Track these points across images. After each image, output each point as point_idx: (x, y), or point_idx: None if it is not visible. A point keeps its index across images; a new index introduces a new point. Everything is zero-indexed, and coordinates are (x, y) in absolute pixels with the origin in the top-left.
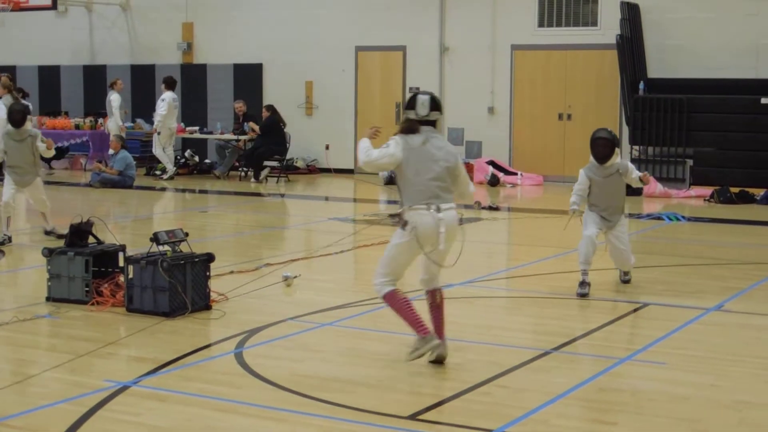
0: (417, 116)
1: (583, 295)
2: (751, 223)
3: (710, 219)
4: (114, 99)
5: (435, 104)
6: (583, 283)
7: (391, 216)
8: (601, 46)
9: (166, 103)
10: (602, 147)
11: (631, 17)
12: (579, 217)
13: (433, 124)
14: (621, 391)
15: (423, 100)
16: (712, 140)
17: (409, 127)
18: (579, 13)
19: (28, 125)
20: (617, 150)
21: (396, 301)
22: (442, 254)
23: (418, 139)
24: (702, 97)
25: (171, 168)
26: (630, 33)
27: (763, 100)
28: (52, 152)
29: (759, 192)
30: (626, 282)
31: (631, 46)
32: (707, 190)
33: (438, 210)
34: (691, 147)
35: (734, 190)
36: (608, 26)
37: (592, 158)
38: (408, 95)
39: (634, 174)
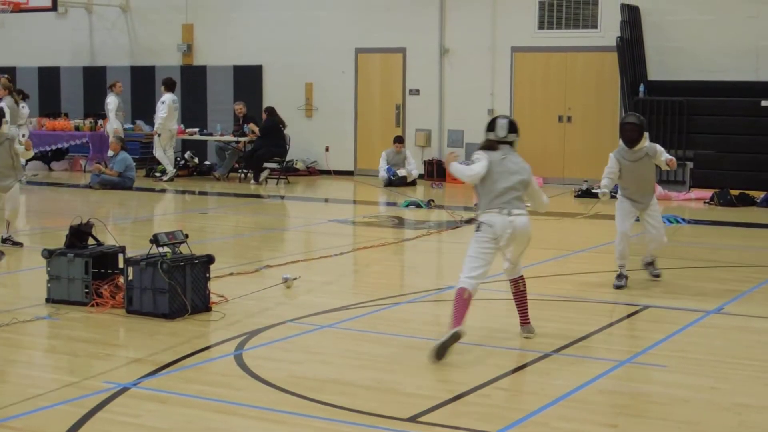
0: (496, 137)
1: (619, 287)
2: (751, 226)
3: (710, 222)
4: (110, 102)
5: (512, 127)
6: (620, 276)
7: (468, 221)
8: (601, 49)
9: (166, 105)
10: (630, 131)
11: (631, 19)
12: (606, 199)
13: (510, 143)
14: (621, 393)
15: (502, 124)
16: (712, 143)
17: (489, 146)
18: (579, 15)
19: (5, 128)
20: (646, 134)
21: (459, 297)
22: (515, 252)
23: (498, 155)
24: (702, 99)
25: (171, 170)
26: (630, 35)
27: (764, 103)
28: (31, 153)
29: (759, 195)
30: (657, 276)
31: (631, 48)
32: (707, 193)
33: (509, 214)
34: (692, 149)
35: (734, 192)
36: (608, 28)
37: (621, 142)
38: (489, 118)
39: (663, 156)
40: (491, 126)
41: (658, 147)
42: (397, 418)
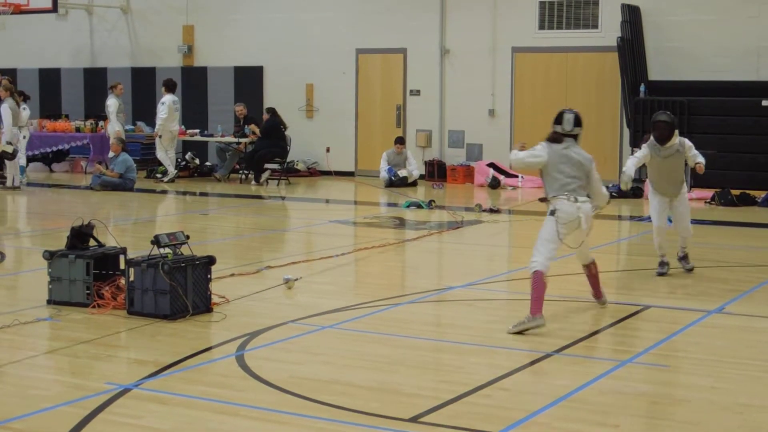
0: (563, 130)
1: (661, 274)
2: (752, 226)
3: (711, 221)
4: (111, 104)
5: (578, 121)
6: (662, 264)
7: (541, 200)
8: (601, 49)
9: (166, 106)
10: (662, 129)
11: (632, 19)
12: (627, 186)
13: (575, 137)
14: (622, 393)
15: (568, 118)
16: (713, 143)
17: (554, 138)
18: (579, 15)
19: None
20: (677, 132)
21: (537, 280)
22: (577, 237)
23: (560, 146)
24: (703, 99)
25: (172, 171)
26: (631, 35)
27: (764, 103)
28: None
29: (760, 194)
30: (690, 270)
31: (631, 48)
32: (708, 193)
33: (576, 201)
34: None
35: (735, 192)
36: (609, 29)
37: (652, 138)
38: (557, 112)
39: (692, 152)
40: (558, 119)
41: (688, 142)
42: (398, 419)
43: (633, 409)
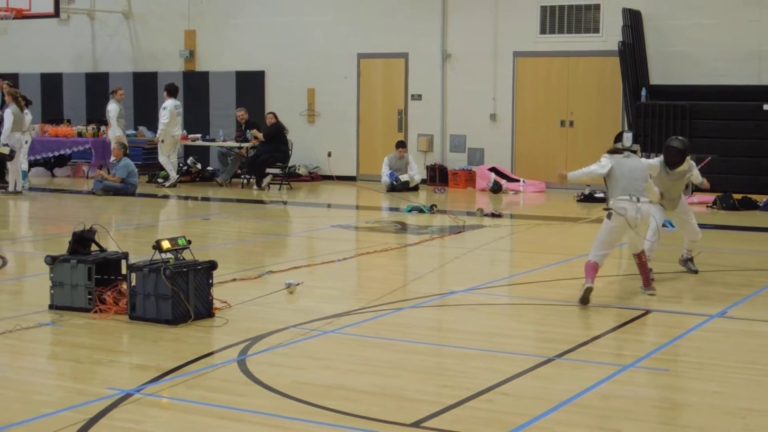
0: (623, 146)
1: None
2: (754, 230)
3: (713, 225)
4: (111, 109)
5: (635, 139)
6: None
7: (605, 209)
8: (603, 53)
9: (168, 111)
10: (673, 155)
11: (633, 24)
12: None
13: (633, 151)
14: (624, 398)
15: (628, 136)
16: (714, 147)
17: (615, 151)
18: (581, 19)
19: None
20: (689, 157)
21: (589, 264)
22: (643, 229)
23: (621, 157)
24: (704, 103)
25: (174, 175)
26: (632, 39)
27: (766, 107)
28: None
29: (762, 198)
30: (695, 272)
31: (633, 52)
32: (710, 197)
33: (638, 201)
34: (694, 153)
35: (737, 196)
36: (610, 33)
37: (662, 158)
38: (616, 135)
39: (696, 170)
40: (618, 138)
41: (694, 164)
42: (400, 424)
43: (635, 414)
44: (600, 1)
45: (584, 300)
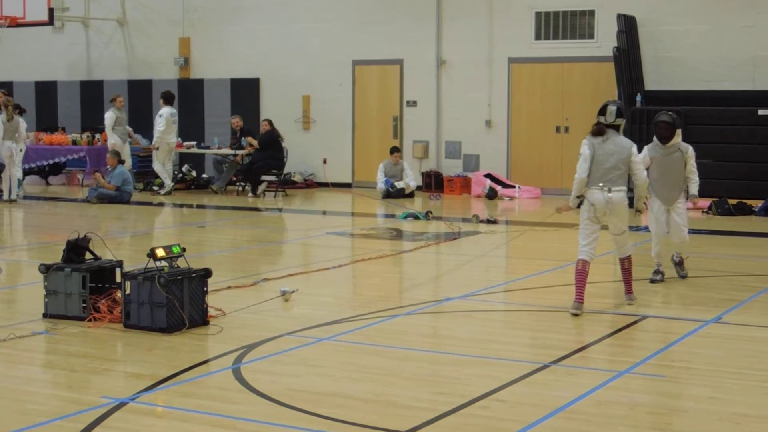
0: (605, 121)
1: (653, 281)
2: (749, 235)
3: (708, 231)
4: (108, 117)
5: (620, 113)
6: (657, 272)
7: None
8: (597, 59)
9: (164, 118)
10: (663, 129)
11: (628, 30)
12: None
13: (616, 127)
14: (619, 404)
15: (611, 110)
16: (709, 152)
17: (597, 130)
18: (576, 25)
19: None
20: (678, 131)
21: (577, 270)
22: (614, 226)
23: (599, 139)
24: (699, 109)
25: (169, 183)
26: (627, 45)
27: (761, 112)
28: None
29: (757, 204)
30: (683, 277)
31: (627, 58)
32: (705, 202)
33: (609, 191)
34: (693, 158)
35: (732, 201)
36: (605, 39)
37: (654, 138)
38: (601, 104)
39: (692, 161)
40: (602, 111)
41: (691, 149)
42: (395, 431)
43: (630, 420)
44: (595, 7)
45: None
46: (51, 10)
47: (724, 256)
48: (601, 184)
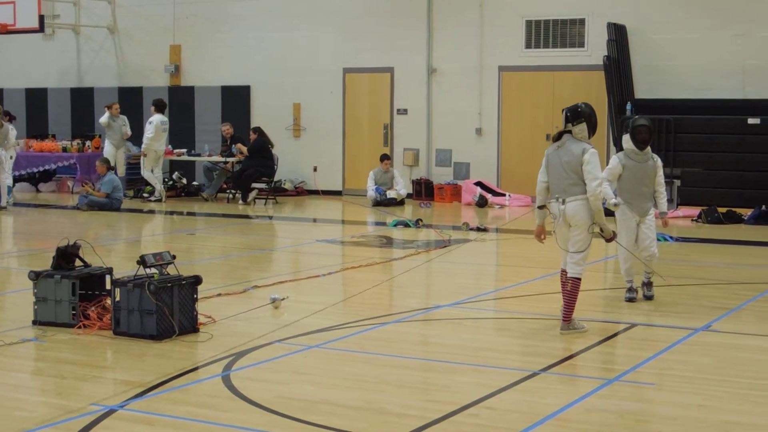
0: (560, 128)
1: (630, 300)
2: (738, 243)
3: (698, 239)
4: (102, 118)
5: (568, 117)
6: (631, 289)
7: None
8: (588, 67)
9: (153, 125)
10: (644, 132)
11: (618, 38)
12: (618, 208)
13: (569, 132)
14: (608, 412)
15: (564, 115)
16: (699, 161)
17: (555, 136)
18: (566, 34)
19: None
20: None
21: (564, 296)
22: (564, 239)
23: (552, 148)
24: (689, 117)
25: (160, 188)
26: (617, 54)
27: (750, 121)
28: None
29: (746, 212)
30: (649, 298)
31: (618, 67)
32: (695, 211)
33: (563, 202)
34: (679, 167)
35: (722, 210)
36: (595, 47)
37: (628, 145)
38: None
39: (661, 173)
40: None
41: (660, 160)
42: None
43: (619, 428)
44: (585, 15)
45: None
46: (41, 18)
47: (714, 264)
48: (556, 196)
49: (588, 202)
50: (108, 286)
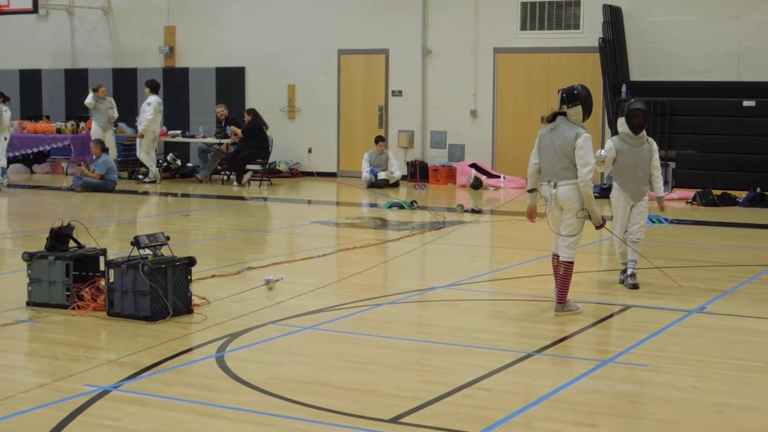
0: (554, 109)
1: (624, 282)
2: (733, 226)
3: (693, 221)
4: (88, 98)
5: (564, 99)
6: (624, 272)
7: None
8: (583, 49)
9: (152, 107)
10: (640, 116)
11: (614, 20)
12: (602, 162)
13: (564, 114)
14: (603, 393)
15: (558, 97)
16: (694, 143)
17: (549, 117)
18: (561, 16)
19: None
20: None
21: (554, 265)
22: (556, 222)
23: (545, 130)
24: (684, 100)
25: (155, 170)
26: (612, 36)
27: (745, 103)
28: None
29: (741, 194)
30: (634, 287)
31: (613, 49)
32: (690, 193)
33: (555, 186)
34: (674, 150)
35: (716, 192)
36: (590, 29)
37: (624, 129)
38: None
39: (657, 156)
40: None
41: (655, 143)
42: (379, 419)
43: (613, 409)
44: None
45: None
46: None
47: (708, 246)
48: (548, 179)
49: (574, 187)
50: (102, 267)
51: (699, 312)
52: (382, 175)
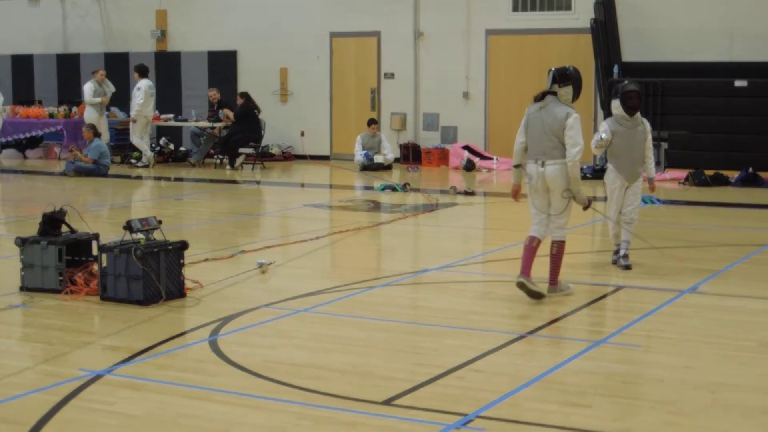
0: (547, 88)
1: (617, 263)
2: (725, 206)
3: (685, 202)
4: (86, 89)
5: (555, 78)
6: (617, 252)
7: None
8: (575, 30)
9: (142, 91)
10: (635, 98)
11: (605, 1)
12: (603, 145)
13: (554, 94)
14: (595, 374)
15: (549, 75)
16: (686, 123)
17: (538, 96)
18: None
19: None
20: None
21: (525, 245)
22: (542, 202)
23: (534, 108)
24: (676, 80)
25: (149, 154)
26: (604, 17)
27: (737, 83)
28: None
29: (733, 174)
30: (626, 268)
31: (605, 29)
32: (682, 173)
33: (543, 165)
34: (666, 130)
35: (709, 172)
36: (582, 10)
37: (618, 111)
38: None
39: (650, 137)
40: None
41: (649, 124)
42: (372, 402)
43: (606, 390)
44: None
45: (530, 294)
46: None
47: (701, 226)
48: (536, 158)
49: (563, 166)
50: (95, 252)
51: (691, 292)
52: (378, 158)
